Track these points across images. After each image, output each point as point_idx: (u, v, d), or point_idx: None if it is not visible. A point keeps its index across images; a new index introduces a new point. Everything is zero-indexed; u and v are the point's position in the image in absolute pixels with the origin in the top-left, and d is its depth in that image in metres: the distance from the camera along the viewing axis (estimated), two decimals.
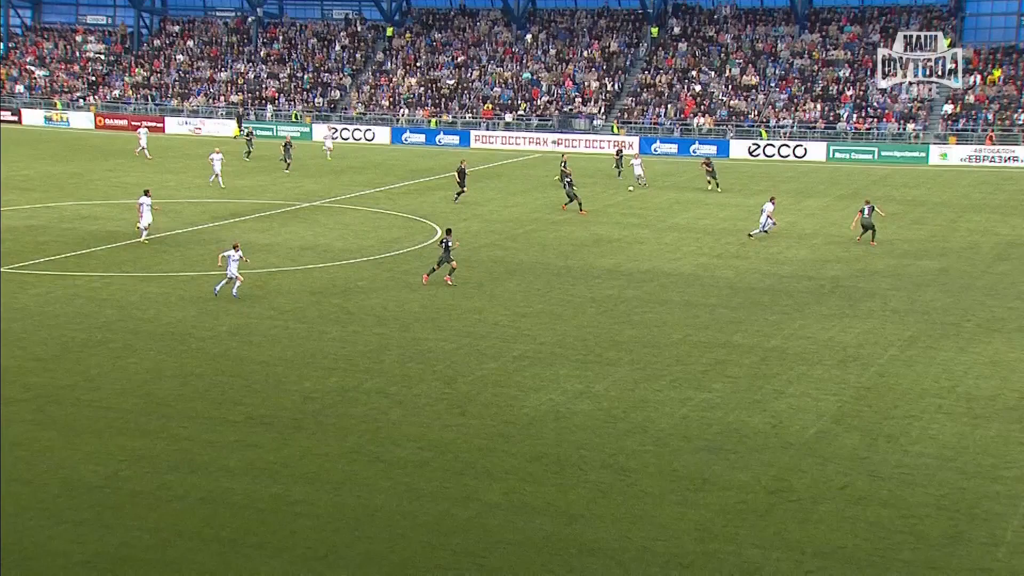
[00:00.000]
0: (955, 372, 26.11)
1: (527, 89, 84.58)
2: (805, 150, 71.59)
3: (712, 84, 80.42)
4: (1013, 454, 20.98)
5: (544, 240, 43.45)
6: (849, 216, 48.86)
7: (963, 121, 70.97)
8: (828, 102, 75.57)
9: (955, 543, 17.36)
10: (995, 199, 53.50)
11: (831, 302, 33.14)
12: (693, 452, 21.21)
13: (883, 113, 73.18)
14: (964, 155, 67.39)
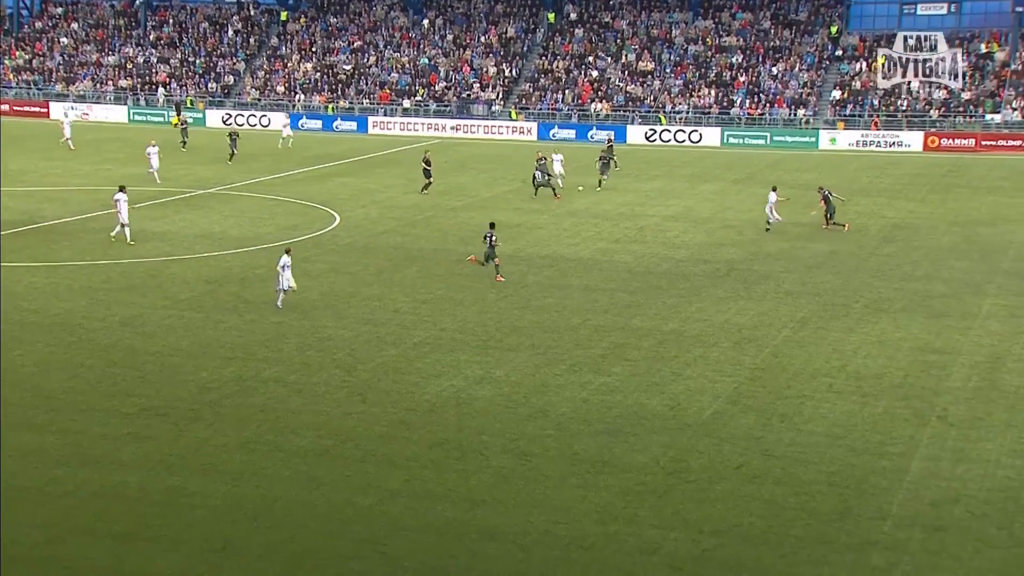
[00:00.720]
0: (845, 352, 26.84)
1: (425, 74, 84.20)
2: (700, 135, 72.71)
3: (609, 70, 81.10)
4: (899, 430, 21.68)
5: (444, 226, 43.35)
6: (744, 200, 49.82)
7: (851, 107, 72.85)
8: (722, 88, 76.85)
9: (844, 518, 17.88)
10: (881, 183, 55.08)
11: (727, 285, 33.75)
12: (593, 435, 21.43)
13: (775, 99, 74.71)
14: (852, 140, 69.20)
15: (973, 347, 27.05)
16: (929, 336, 27.95)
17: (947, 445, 20.91)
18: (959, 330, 28.45)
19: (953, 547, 16.88)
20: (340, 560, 16.50)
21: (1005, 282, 33.62)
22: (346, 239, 40.41)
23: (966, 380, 24.69)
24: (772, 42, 79.62)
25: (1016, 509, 18.14)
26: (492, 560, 16.58)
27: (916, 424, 21.97)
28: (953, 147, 66.27)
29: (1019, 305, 30.70)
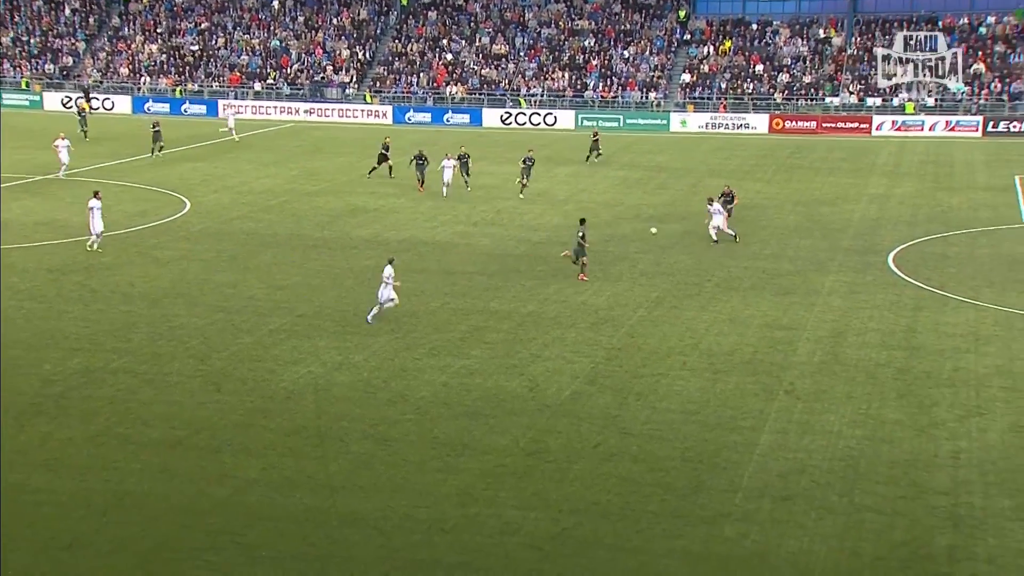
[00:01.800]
0: (698, 330, 27.55)
1: (276, 57, 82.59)
2: (555, 118, 73.37)
3: (463, 53, 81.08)
4: (749, 405, 22.40)
5: (299, 211, 42.69)
6: (599, 182, 50.54)
7: (699, 90, 74.63)
8: (575, 71, 77.71)
9: (698, 492, 18.40)
10: (730, 164, 56.63)
11: None
12: (453, 418, 21.48)
13: (627, 82, 75.95)
14: (701, 122, 70.93)
15: (817, 322, 28.11)
16: (777, 313, 28.91)
17: (794, 418, 21.70)
18: (804, 306, 29.52)
19: (799, 515, 17.55)
20: (195, 553, 16.15)
21: (845, 259, 35.02)
22: (197, 225, 39.41)
23: (811, 355, 25.65)
24: (623, 26, 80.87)
25: (856, 477, 18.98)
26: (352, 546, 16.48)
27: (765, 399, 22.73)
28: (796, 129, 68.63)
29: (858, 281, 32.03)
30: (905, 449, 20.14)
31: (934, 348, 25.86)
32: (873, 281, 32.02)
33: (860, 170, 53.63)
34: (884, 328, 27.44)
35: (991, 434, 20.71)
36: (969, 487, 18.50)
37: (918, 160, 56.17)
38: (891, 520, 17.35)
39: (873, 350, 25.74)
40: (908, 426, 21.21)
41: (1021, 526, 17.07)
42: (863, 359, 25.12)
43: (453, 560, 16.19)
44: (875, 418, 21.63)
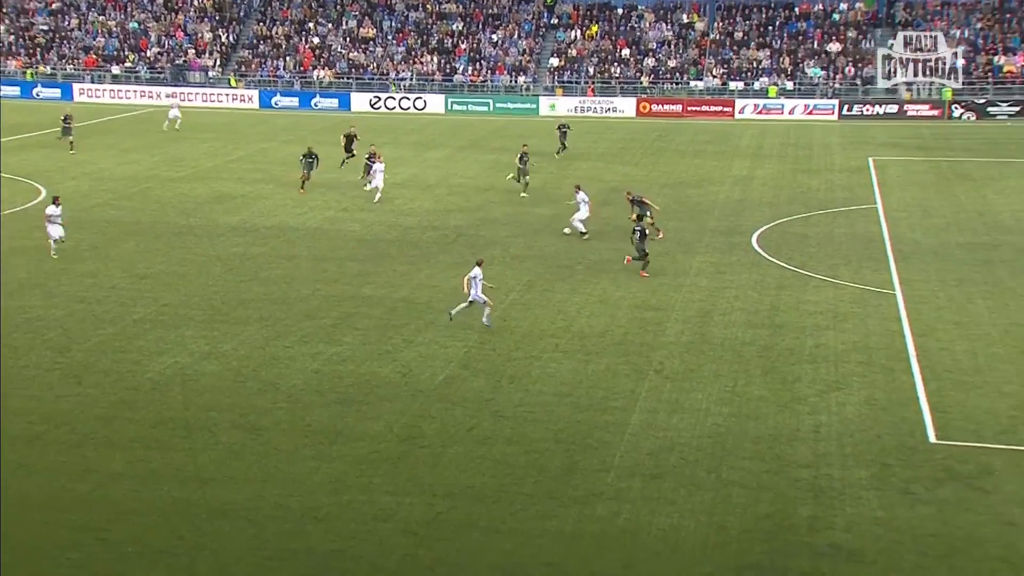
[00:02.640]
0: (569, 312, 27.87)
1: (135, 39, 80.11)
2: (425, 102, 73.11)
3: (330, 36, 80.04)
4: (620, 385, 22.79)
5: (163, 198, 41.60)
6: (470, 166, 50.57)
7: (568, 74, 75.30)
8: (444, 55, 77.52)
9: (571, 472, 18.65)
10: (599, 148, 57.34)
11: (456, 251, 34.22)
12: (326, 406, 21.29)
13: (496, 66, 76.13)
14: (570, 106, 71.60)
15: (685, 303, 28.74)
16: (646, 294, 29.45)
17: (663, 397, 22.17)
18: (673, 287, 30.14)
19: (669, 492, 17.97)
20: (58, 551, 15.65)
21: (712, 240, 35.87)
22: None
23: (679, 334, 26.23)
24: (491, 9, 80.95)
25: (723, 453, 19.51)
26: (223, 538, 16.21)
27: (636, 379, 23.15)
28: (663, 112, 69.88)
29: (724, 262, 32.85)
30: (769, 424, 20.78)
31: (796, 326, 26.72)
32: (738, 261, 32.87)
33: (724, 153, 54.94)
34: (749, 307, 28.22)
35: (849, 408, 21.53)
36: (829, 459, 19.20)
37: (779, 143, 57.83)
38: (756, 494, 17.90)
39: (739, 329, 26.45)
40: (772, 402, 21.89)
41: (876, 495, 17.82)
42: (729, 338, 25.79)
43: (326, 548, 16.08)
44: (741, 395, 22.25)
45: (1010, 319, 26.96)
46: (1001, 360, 24.12)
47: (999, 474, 18.55)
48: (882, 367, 23.72)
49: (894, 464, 18.95)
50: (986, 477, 18.44)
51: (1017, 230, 36.54)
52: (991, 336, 25.72)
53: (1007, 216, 38.70)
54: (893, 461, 19.06)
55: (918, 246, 34.49)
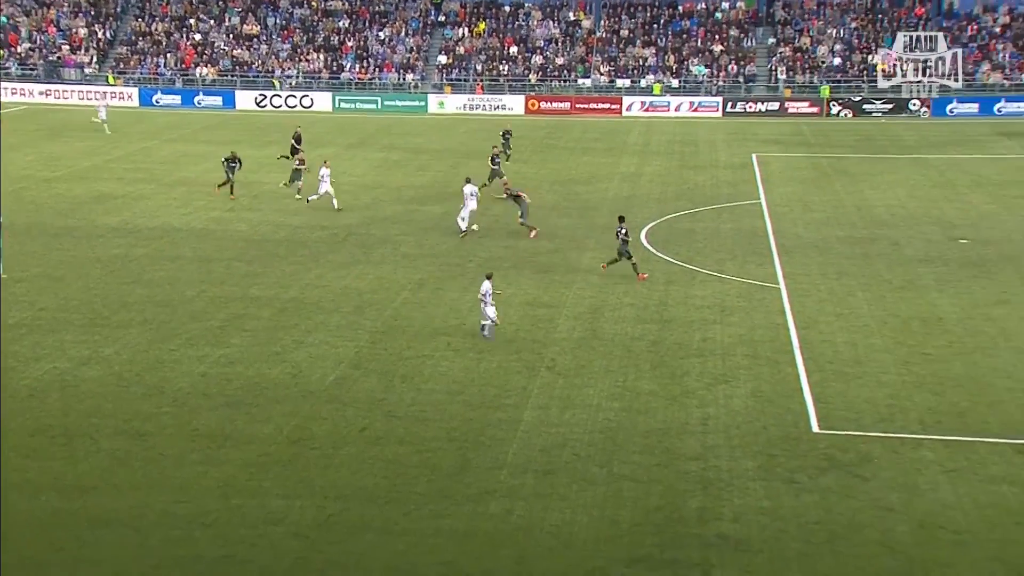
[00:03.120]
0: (461, 310, 27.89)
1: (3, 35, 77.34)
2: (312, 100, 72.28)
3: (212, 33, 78.55)
4: (512, 382, 22.90)
5: (38, 199, 40.30)
6: (358, 165, 50.20)
7: (456, 71, 75.29)
8: (331, 52, 76.74)
9: (464, 471, 18.69)
10: (489, 145, 57.40)
11: (345, 250, 33.95)
12: (213, 409, 20.92)
13: (383, 63, 75.68)
14: (459, 104, 71.59)
15: (576, 299, 29.01)
16: (538, 291, 29.64)
17: (555, 393, 22.35)
18: (564, 284, 30.39)
19: (561, 488, 18.13)
20: None
21: (601, 237, 36.22)
22: None
23: (571, 331, 26.47)
24: (377, 7, 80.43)
25: (614, 448, 19.77)
26: (104, 547, 15.81)
27: (528, 375, 23.29)
28: (551, 110, 70.35)
29: (613, 258, 33.18)
30: (659, 418, 21.12)
31: (684, 320, 27.20)
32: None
33: (612, 149, 55.58)
34: (638, 303, 28.62)
35: (736, 400, 22.02)
36: (716, 451, 19.61)
37: (665, 139, 58.76)
38: (647, 487, 18.19)
39: (629, 324, 26.81)
40: (661, 396, 22.26)
41: (762, 485, 18.27)
42: (619, 333, 26.13)
43: (216, 554, 15.80)
44: (631, 390, 22.57)
45: (887, 310, 27.89)
46: (879, 350, 24.94)
47: (878, 461, 19.19)
48: (767, 359, 24.31)
49: (779, 454, 19.44)
50: (865, 465, 19.05)
51: (892, 223, 37.81)
52: (870, 327, 26.58)
53: (882, 210, 40.02)
54: (778, 451, 19.56)
55: (800, 240, 35.43)
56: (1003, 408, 21.52)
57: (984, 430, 20.49)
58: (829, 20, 74.70)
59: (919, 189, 43.91)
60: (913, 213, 39.40)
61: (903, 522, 17.06)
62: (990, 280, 30.49)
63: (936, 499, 17.80)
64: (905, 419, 21.03)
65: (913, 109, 66.74)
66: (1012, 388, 22.51)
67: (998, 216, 38.84)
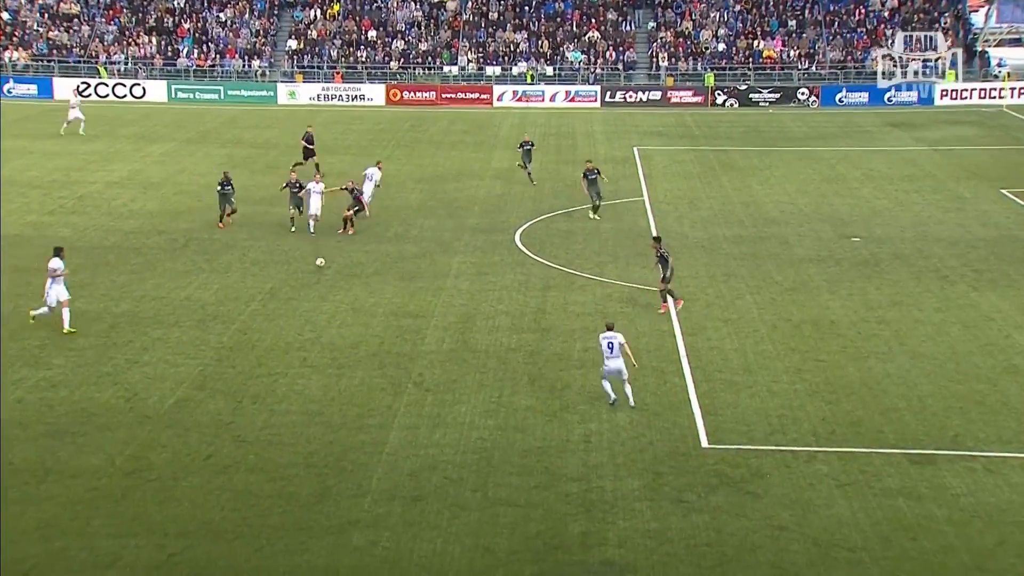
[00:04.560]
0: (318, 322, 27.65)
1: None
2: (144, 89, 70.76)
3: (24, 12, 76.20)
4: (376, 401, 22.80)
5: None
6: (199, 162, 49.34)
7: (308, 58, 74.67)
8: (165, 36, 75.24)
9: (323, 500, 18.54)
10: (347, 139, 57.14)
11: (185, 257, 33.35)
12: (33, 440, 20.32)
13: (225, 49, 74.57)
14: (313, 94, 71.01)
15: (446, 308, 29.06)
16: (403, 299, 29.59)
17: (424, 412, 22.35)
18: (432, 291, 30.40)
19: (431, 516, 18.13)
20: None
21: (472, 239, 36.41)
22: None
23: (440, 342, 26.49)
24: None
25: (489, 469, 19.86)
26: None
27: (393, 393, 23.23)
28: (415, 100, 70.38)
29: (485, 262, 33.41)
30: (538, 436, 21.30)
31: (564, 329, 27.50)
32: (501, 261, 33.51)
33: (483, 143, 55.87)
34: (514, 310, 28.81)
35: (620, 415, 22.33)
36: (600, 471, 19.87)
37: (540, 132, 59.28)
38: (525, 512, 18.32)
39: (504, 334, 26.97)
40: (540, 412, 22.45)
41: (649, 506, 18.59)
42: (494, 344, 26.27)
43: None
44: (507, 406, 22.71)
45: (777, 314, 28.70)
46: (770, 357, 25.64)
47: (770, 477, 19.72)
48: (653, 369, 24.75)
49: (667, 472, 19.81)
50: (757, 480, 19.56)
51: (782, 221, 38.95)
52: (760, 333, 27.30)
53: (771, 207, 41.19)
54: (666, 469, 19.93)
55: (686, 240, 36.19)
56: (898, 416, 22.36)
57: (879, 440, 21.25)
58: (712, 3, 76.55)
59: (809, 184, 45.34)
60: (803, 209, 40.64)
61: (797, 541, 17.57)
62: (883, 280, 31.65)
63: (830, 515, 18.38)
64: (798, 430, 21.66)
65: (802, 98, 68.90)
66: (907, 395, 23.40)
67: (890, 212, 40.37)
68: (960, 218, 39.28)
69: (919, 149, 53.53)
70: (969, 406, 22.83)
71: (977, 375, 24.52)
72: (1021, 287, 30.94)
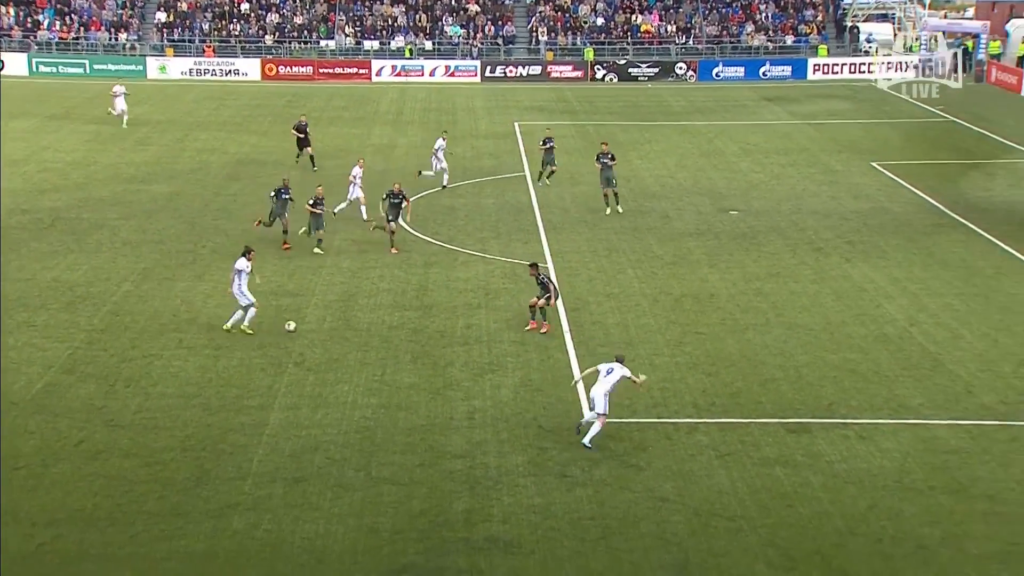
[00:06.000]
0: (195, 303, 27.21)
1: None
2: (2, 63, 68.40)
3: None
4: (256, 382, 22.55)
5: None
6: (65, 138, 48.03)
7: (179, 31, 73.02)
8: (23, 6, 72.81)
9: (201, 484, 18.30)
10: (221, 115, 56.11)
11: (52, 237, 32.49)
12: None
13: (90, 21, 72.51)
14: (184, 68, 69.44)
15: (326, 286, 28.82)
16: (282, 278, 29.25)
17: (305, 392, 22.18)
18: (311, 270, 30.11)
19: (314, 496, 18.03)
20: None
21: (353, 216, 36.02)
22: None
23: (321, 321, 26.29)
24: None
25: (373, 448, 19.81)
26: None
27: (274, 373, 23.01)
28: (292, 75, 69.35)
29: (367, 240, 33.11)
30: (422, 414, 21.31)
31: (446, 306, 27.50)
32: (382, 238, 33.30)
33: (363, 119, 55.40)
34: (396, 288, 28.71)
35: (503, 391, 22.47)
36: (484, 447, 19.97)
37: (420, 107, 59.05)
38: (409, 490, 18.33)
39: (385, 312, 26.87)
40: (424, 389, 22.45)
41: (533, 481, 18.75)
42: (376, 322, 26.16)
43: None
44: (391, 384, 22.66)
45: (659, 288, 29.12)
46: (651, 331, 26.02)
47: (652, 449, 20.05)
48: (536, 345, 24.92)
49: (551, 447, 19.99)
50: (640, 453, 19.87)
51: (661, 195, 39.45)
52: (641, 307, 27.67)
53: (651, 181, 41.69)
54: (550, 444, 20.11)
55: (568, 215, 36.43)
56: (775, 387, 22.91)
57: (757, 410, 21.75)
58: None
59: (688, 158, 46.00)
60: (683, 183, 41.23)
61: (678, 512, 17.91)
62: (760, 253, 32.32)
63: (711, 485, 18.77)
64: (679, 403, 22.04)
65: (679, 73, 69.78)
66: (784, 366, 23.98)
67: (767, 185, 41.20)
68: (833, 191, 40.27)
69: (794, 123, 54.69)
70: (843, 375, 23.50)
71: (850, 344, 25.24)
72: (891, 258, 31.89)
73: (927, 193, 39.47)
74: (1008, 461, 19.83)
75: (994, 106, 59.92)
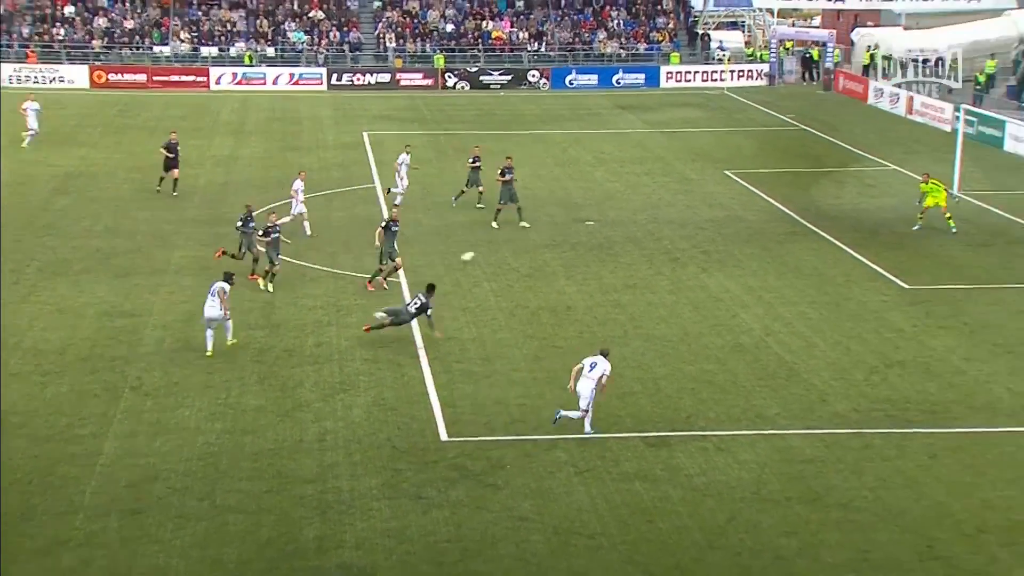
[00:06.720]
0: (19, 325, 26.37)
1: None
2: None
3: None
4: (88, 408, 21.94)
5: None
6: None
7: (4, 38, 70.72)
8: None
9: (28, 519, 17.76)
10: (48, 125, 54.37)
11: None
12: None
13: None
14: (3, 75, 67.21)
15: (166, 306, 28.22)
16: (117, 298, 28.55)
17: (143, 418, 21.69)
18: (149, 288, 29.45)
19: (153, 529, 17.61)
20: None
21: (193, 232, 35.43)
22: None
23: (159, 343, 25.73)
24: None
25: (217, 475, 19.45)
26: None
27: (108, 399, 22.45)
28: (123, 83, 67.67)
29: (208, 257, 32.45)
30: (269, 438, 21.02)
31: (295, 324, 27.19)
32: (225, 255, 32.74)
33: (202, 129, 54.40)
34: (241, 307, 28.18)
35: (356, 410, 22.31)
36: (336, 470, 19.78)
37: (264, 117, 58.30)
38: (257, 518, 18.04)
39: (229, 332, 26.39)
40: (271, 412, 22.16)
41: (387, 504, 18.65)
42: (219, 342, 25.68)
43: None
44: (235, 407, 22.29)
45: (515, 301, 29.29)
46: (508, 345, 26.15)
47: (510, 468, 20.13)
48: (389, 362, 24.82)
49: (405, 468, 19.91)
50: (498, 472, 19.93)
51: None
52: (498, 321, 27.79)
53: None
54: (404, 465, 20.03)
55: (420, 228, 36.39)
56: (634, 400, 23.25)
57: (616, 425, 22.03)
58: None
59: (543, 167, 46.40)
60: (538, 194, 41.56)
61: (538, 531, 18.01)
62: (617, 264, 32.79)
63: (570, 503, 18.93)
64: (538, 419, 22.18)
65: (532, 81, 70.43)
66: (642, 378, 24.36)
67: (623, 195, 41.83)
68: (688, 200, 41.11)
69: (647, 131, 55.69)
70: (700, 386, 23.99)
71: (708, 355, 25.79)
72: (746, 267, 32.70)
73: (780, 201, 40.61)
74: (860, 469, 20.50)
75: (842, 114, 62.01)
